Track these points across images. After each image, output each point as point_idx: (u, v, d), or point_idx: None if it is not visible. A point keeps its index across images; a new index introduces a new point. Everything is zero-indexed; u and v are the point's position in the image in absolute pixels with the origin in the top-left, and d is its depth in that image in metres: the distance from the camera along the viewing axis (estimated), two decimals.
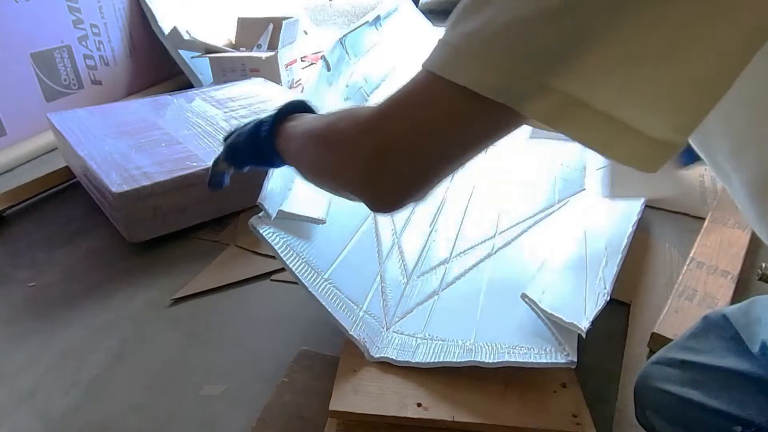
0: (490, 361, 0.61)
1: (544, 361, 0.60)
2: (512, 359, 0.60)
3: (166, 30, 1.82)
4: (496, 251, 0.89)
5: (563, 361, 0.60)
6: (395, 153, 0.37)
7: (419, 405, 0.59)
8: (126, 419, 0.70)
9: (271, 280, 0.96)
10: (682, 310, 0.81)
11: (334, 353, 0.73)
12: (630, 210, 0.89)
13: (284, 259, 0.66)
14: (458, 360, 0.62)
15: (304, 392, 0.70)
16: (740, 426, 0.45)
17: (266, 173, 0.76)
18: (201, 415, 0.70)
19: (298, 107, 0.57)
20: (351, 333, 0.66)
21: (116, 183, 0.98)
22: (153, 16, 1.83)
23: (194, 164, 1.07)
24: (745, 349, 0.48)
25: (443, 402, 0.60)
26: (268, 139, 0.55)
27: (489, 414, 0.58)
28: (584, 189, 1.05)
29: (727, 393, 0.47)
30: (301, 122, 0.53)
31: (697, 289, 0.85)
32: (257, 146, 0.58)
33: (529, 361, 0.60)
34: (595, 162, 1.13)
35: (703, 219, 1.04)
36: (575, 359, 0.59)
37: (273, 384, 0.71)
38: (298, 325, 0.86)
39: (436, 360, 0.63)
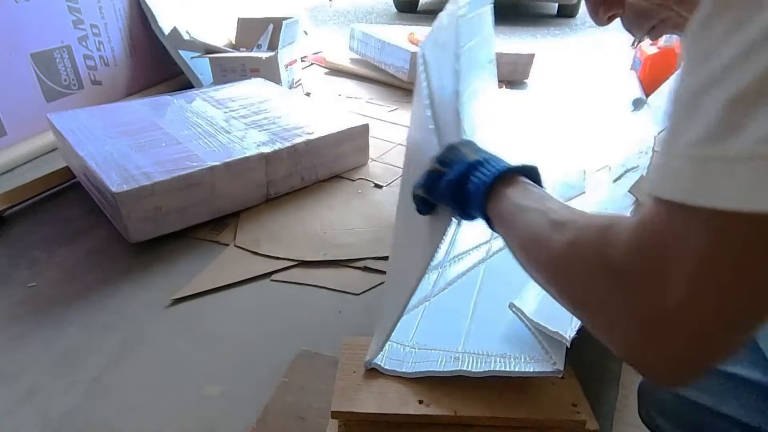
0: (477, 370, 0.61)
1: (531, 370, 0.60)
2: (499, 368, 0.61)
3: (166, 30, 1.82)
4: (490, 256, 0.89)
5: (550, 370, 0.60)
6: (672, 319, 0.27)
7: (421, 402, 0.59)
8: (126, 419, 0.70)
9: (271, 280, 0.96)
10: None
11: (334, 353, 0.73)
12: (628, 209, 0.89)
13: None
14: (445, 369, 0.62)
15: (304, 392, 0.70)
16: None
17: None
18: (201, 415, 0.70)
19: (522, 170, 0.48)
20: (375, 330, 0.67)
21: (116, 183, 0.98)
22: (153, 16, 1.83)
23: (194, 164, 1.07)
24: (761, 358, 0.47)
25: (444, 398, 0.60)
26: (478, 195, 0.48)
27: (491, 407, 0.59)
28: (584, 192, 1.05)
29: (736, 400, 0.46)
30: (525, 197, 0.44)
31: None
32: (462, 192, 0.50)
33: (516, 370, 0.60)
34: (593, 165, 1.13)
35: None
36: (562, 368, 0.60)
37: (273, 384, 0.71)
38: (298, 325, 0.86)
39: (424, 370, 0.63)
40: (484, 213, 0.48)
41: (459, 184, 0.50)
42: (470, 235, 0.94)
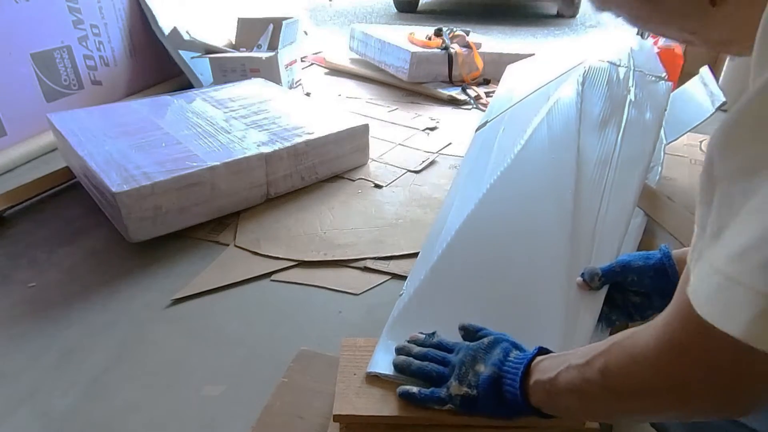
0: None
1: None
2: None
3: (166, 30, 1.82)
4: None
5: None
6: (696, 396, 0.34)
7: None
8: (126, 419, 0.70)
9: (271, 280, 0.96)
10: None
11: (334, 353, 0.73)
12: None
13: None
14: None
15: (304, 392, 0.70)
16: None
17: None
18: (201, 415, 0.71)
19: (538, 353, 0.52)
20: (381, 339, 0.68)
21: (116, 183, 0.98)
22: (153, 16, 1.83)
23: (194, 164, 1.07)
24: None
25: None
26: (518, 398, 0.50)
27: None
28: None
29: None
30: (553, 363, 0.47)
31: None
32: (504, 404, 0.51)
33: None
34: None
35: None
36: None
37: (273, 384, 0.71)
38: (298, 325, 0.86)
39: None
40: (532, 407, 0.50)
41: (498, 397, 0.52)
42: None
